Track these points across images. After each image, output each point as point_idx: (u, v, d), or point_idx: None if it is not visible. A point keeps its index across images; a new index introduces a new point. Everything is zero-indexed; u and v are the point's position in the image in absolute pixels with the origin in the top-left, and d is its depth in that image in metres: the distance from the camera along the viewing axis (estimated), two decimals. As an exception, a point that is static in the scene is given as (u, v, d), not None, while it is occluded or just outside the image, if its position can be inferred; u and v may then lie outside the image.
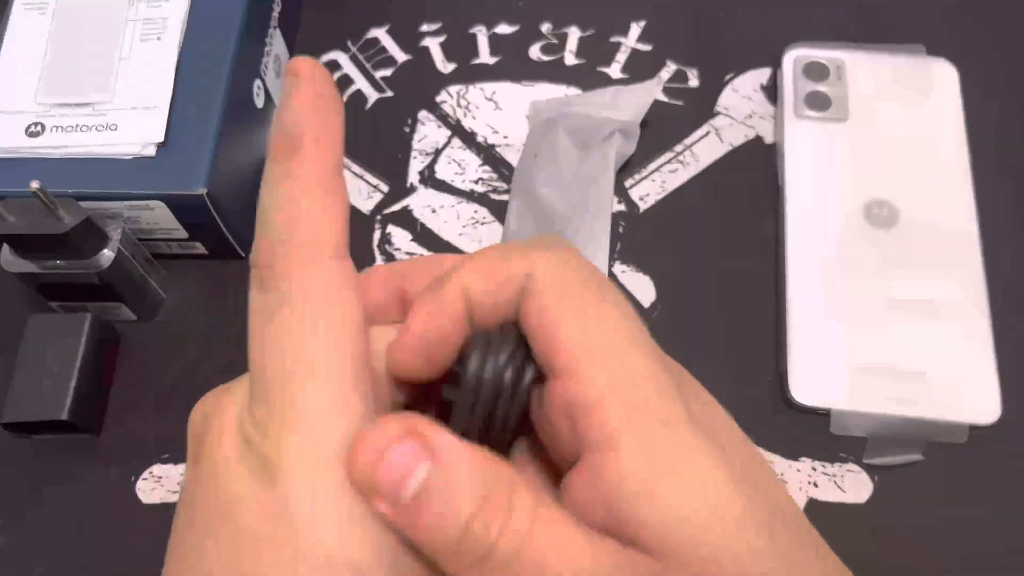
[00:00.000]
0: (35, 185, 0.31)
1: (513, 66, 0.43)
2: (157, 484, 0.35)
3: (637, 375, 0.19)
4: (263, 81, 0.40)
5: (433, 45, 0.44)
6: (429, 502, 0.18)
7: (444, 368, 0.20)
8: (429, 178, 0.41)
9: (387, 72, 0.44)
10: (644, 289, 0.38)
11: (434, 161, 0.41)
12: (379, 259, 0.39)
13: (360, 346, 0.19)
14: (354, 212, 0.40)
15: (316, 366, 0.18)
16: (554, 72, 0.43)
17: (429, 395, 0.21)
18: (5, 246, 0.35)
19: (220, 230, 0.37)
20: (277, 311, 0.19)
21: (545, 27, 0.44)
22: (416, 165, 0.41)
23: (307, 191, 0.19)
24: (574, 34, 0.44)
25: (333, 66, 0.44)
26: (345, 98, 0.43)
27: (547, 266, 0.20)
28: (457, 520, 0.17)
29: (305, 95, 0.19)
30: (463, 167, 0.41)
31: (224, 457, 0.19)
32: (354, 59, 0.44)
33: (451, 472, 0.18)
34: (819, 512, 0.33)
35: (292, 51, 0.44)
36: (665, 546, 0.17)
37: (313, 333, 0.18)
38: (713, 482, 0.18)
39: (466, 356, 0.20)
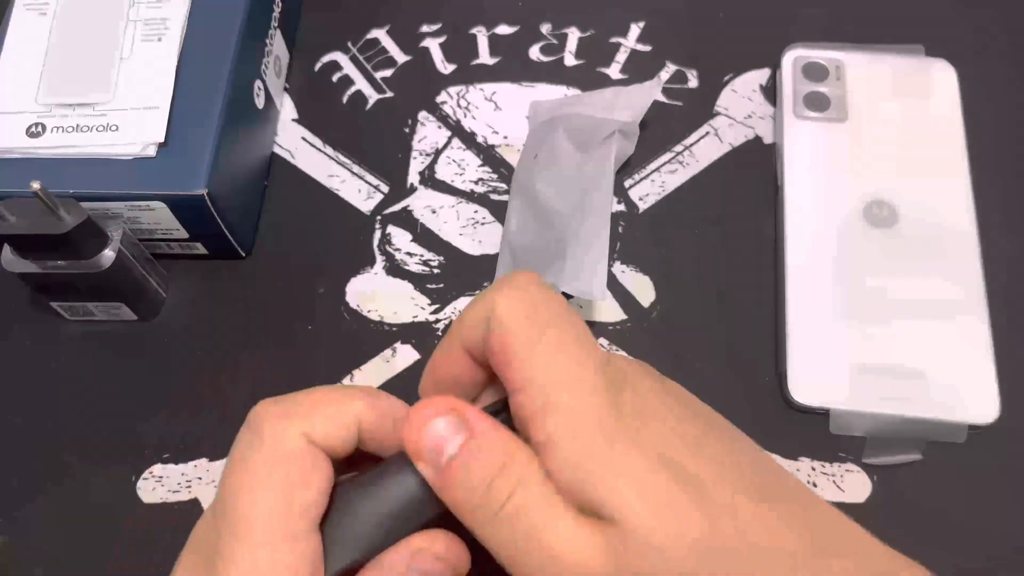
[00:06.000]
0: (36, 185, 0.31)
1: (513, 67, 0.43)
2: (157, 484, 0.35)
3: (572, 384, 0.22)
4: (263, 81, 0.40)
5: (433, 46, 0.44)
6: (459, 467, 0.22)
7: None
8: (429, 178, 0.41)
9: (387, 73, 0.44)
10: (644, 289, 0.38)
11: (434, 161, 0.41)
12: (379, 259, 0.39)
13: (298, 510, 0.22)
14: (354, 212, 0.40)
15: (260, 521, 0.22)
16: (554, 72, 0.43)
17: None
18: (6, 246, 0.35)
19: (220, 230, 0.37)
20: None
21: (545, 28, 0.44)
22: (416, 165, 0.41)
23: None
24: (574, 35, 0.44)
25: (333, 67, 0.44)
26: (345, 99, 0.43)
27: (502, 306, 0.23)
28: (479, 483, 0.22)
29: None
30: (463, 167, 0.41)
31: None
32: (354, 60, 0.44)
33: (479, 444, 0.22)
34: (818, 512, 0.33)
35: (292, 51, 0.44)
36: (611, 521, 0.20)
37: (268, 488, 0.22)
38: (641, 470, 0.21)
39: None
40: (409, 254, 0.39)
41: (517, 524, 0.22)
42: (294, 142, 0.42)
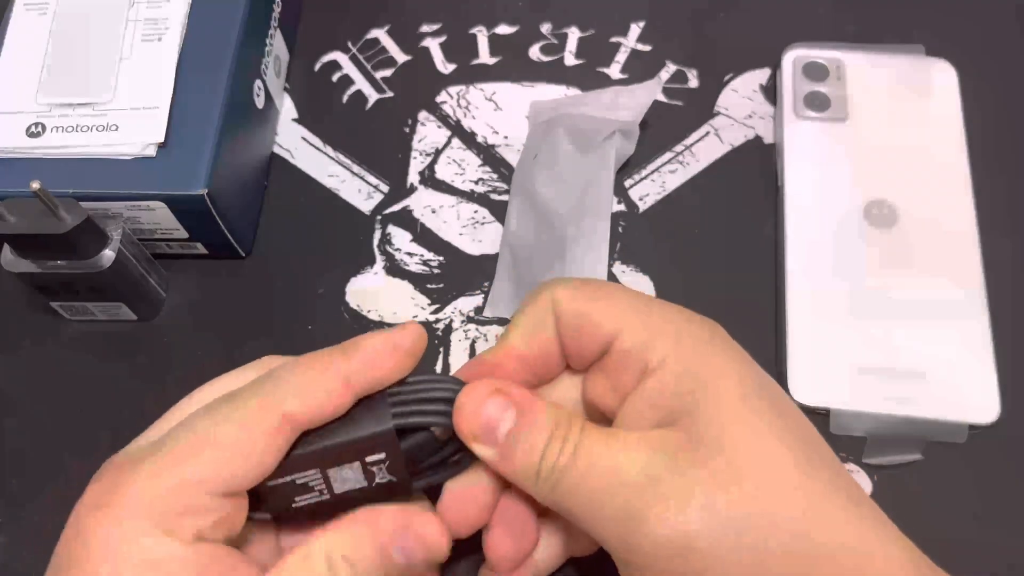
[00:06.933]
0: (36, 185, 0.31)
1: (513, 66, 0.43)
2: (157, 484, 0.35)
3: (664, 317, 0.26)
4: (263, 81, 0.40)
5: (433, 45, 0.44)
6: (517, 440, 0.24)
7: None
8: (429, 178, 0.41)
9: (387, 72, 0.44)
10: (644, 289, 0.38)
11: (434, 161, 0.41)
12: (379, 259, 0.39)
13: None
14: (354, 212, 0.40)
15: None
16: (554, 72, 0.43)
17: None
18: (6, 246, 0.35)
19: (220, 230, 0.37)
20: None
21: (545, 28, 0.44)
22: (416, 165, 0.41)
23: None
24: (574, 34, 0.44)
25: (333, 66, 0.44)
26: (345, 99, 0.43)
27: (560, 293, 0.26)
28: (536, 450, 0.24)
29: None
30: (463, 167, 0.41)
31: None
32: (354, 59, 0.44)
33: (529, 416, 0.24)
34: (818, 512, 0.33)
35: (292, 51, 0.44)
36: (697, 417, 0.23)
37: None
38: (739, 376, 0.25)
39: None
40: (409, 254, 0.39)
41: (582, 469, 0.23)
42: (294, 142, 0.42)
